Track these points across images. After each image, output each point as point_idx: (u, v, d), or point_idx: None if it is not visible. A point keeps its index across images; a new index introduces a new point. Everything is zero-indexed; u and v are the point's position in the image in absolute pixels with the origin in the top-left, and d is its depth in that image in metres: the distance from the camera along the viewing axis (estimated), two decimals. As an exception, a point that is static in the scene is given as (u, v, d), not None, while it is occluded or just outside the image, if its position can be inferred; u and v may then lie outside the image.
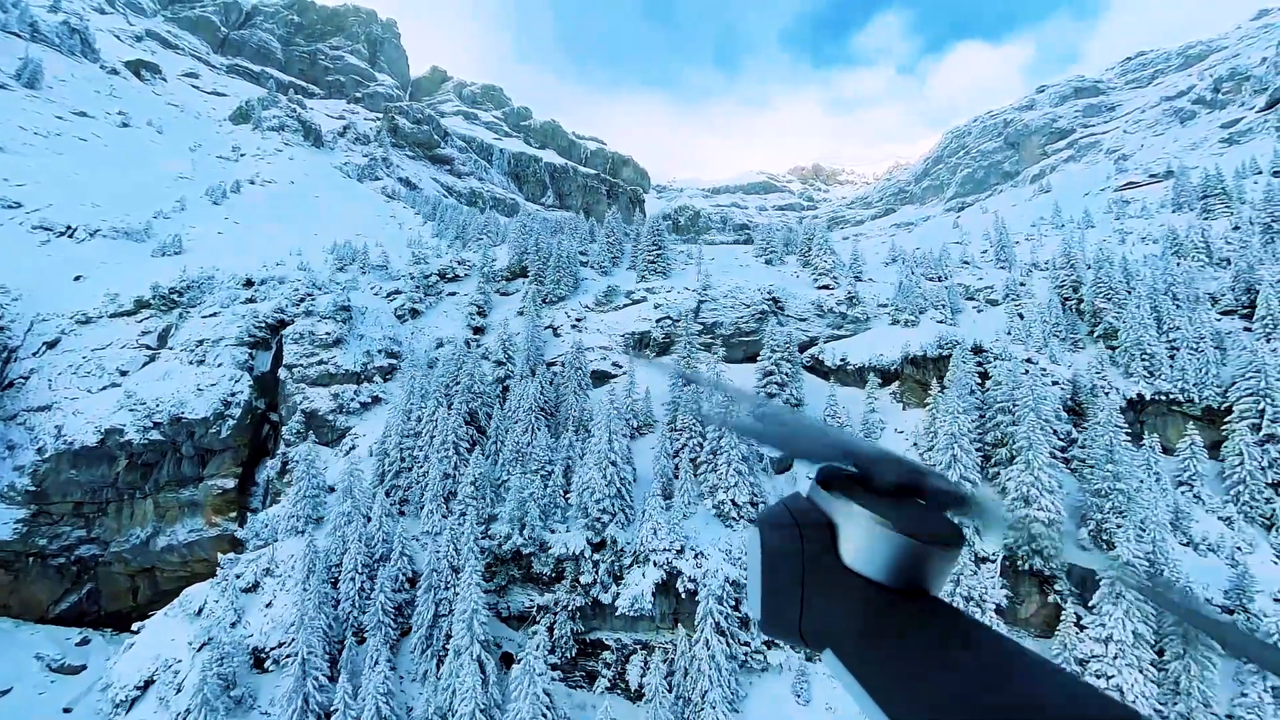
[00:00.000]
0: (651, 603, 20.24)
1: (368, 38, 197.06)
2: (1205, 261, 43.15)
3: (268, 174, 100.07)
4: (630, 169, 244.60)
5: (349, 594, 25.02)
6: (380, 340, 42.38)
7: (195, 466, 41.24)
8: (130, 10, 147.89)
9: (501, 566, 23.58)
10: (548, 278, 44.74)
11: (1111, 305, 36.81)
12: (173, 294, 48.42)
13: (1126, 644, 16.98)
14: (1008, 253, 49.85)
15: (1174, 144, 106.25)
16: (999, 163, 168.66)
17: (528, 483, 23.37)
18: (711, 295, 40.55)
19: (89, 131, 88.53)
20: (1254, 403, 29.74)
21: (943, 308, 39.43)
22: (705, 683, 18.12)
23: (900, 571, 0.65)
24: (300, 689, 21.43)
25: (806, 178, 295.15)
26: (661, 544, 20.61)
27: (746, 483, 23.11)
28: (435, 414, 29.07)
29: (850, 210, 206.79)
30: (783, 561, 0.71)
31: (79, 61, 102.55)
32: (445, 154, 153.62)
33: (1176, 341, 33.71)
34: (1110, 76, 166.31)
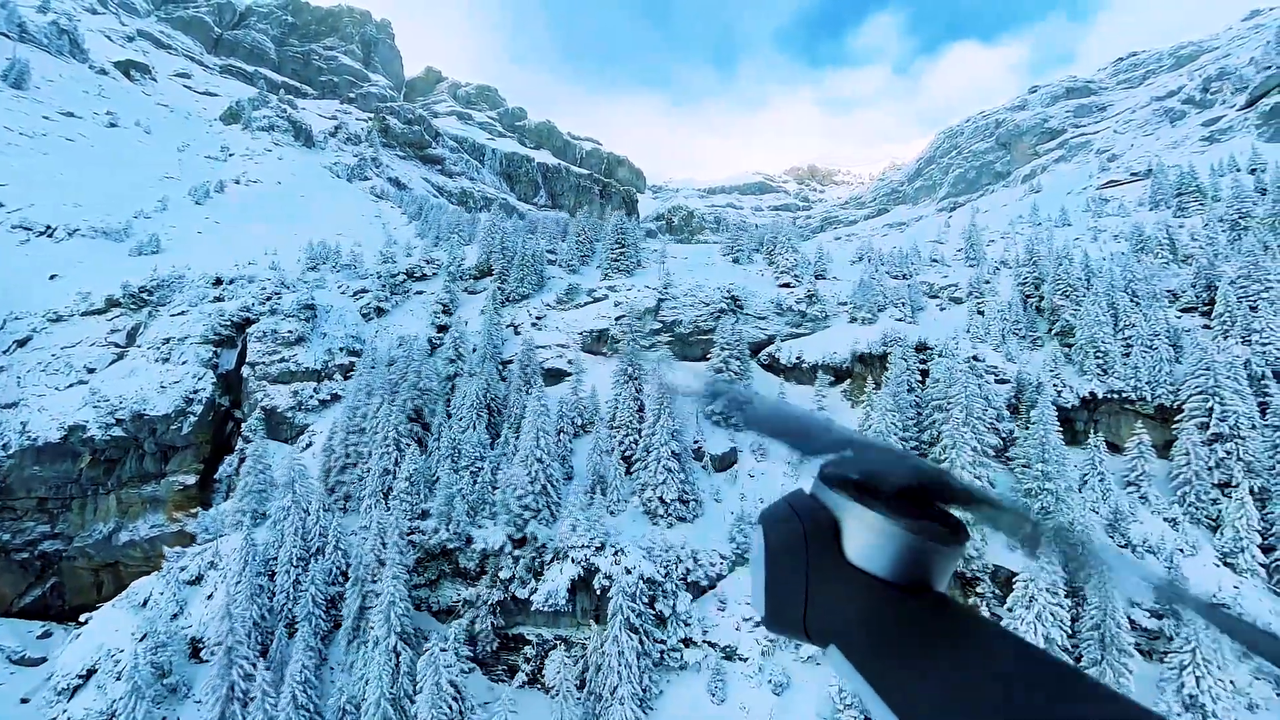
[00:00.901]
0: (566, 599, 20.31)
1: (362, 38, 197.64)
2: (1169, 259, 43.07)
3: (254, 174, 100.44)
4: (625, 169, 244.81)
5: (284, 587, 25.17)
6: (343, 339, 42.54)
7: (158, 463, 41.46)
8: (123, 10, 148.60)
9: (432, 561, 23.68)
10: (511, 276, 44.85)
11: (1069, 303, 36.77)
12: (142, 293, 48.70)
13: (1039, 642, 16.90)
14: (977, 251, 49.82)
15: (1156, 143, 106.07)
16: (991, 163, 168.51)
17: (456, 479, 23.45)
18: (672, 294, 40.63)
19: (75, 131, 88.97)
20: (1202, 401, 29.60)
21: (902, 305, 39.42)
22: (615, 679, 18.16)
23: (904, 568, 0.65)
24: (226, 677, 21.61)
25: (802, 178, 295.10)
26: (580, 540, 20.68)
27: (676, 480, 23.15)
28: (379, 411, 29.17)
29: (844, 210, 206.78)
30: (786, 558, 0.71)
31: (67, 62, 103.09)
32: (436, 154, 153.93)
33: (1132, 339, 33.62)
34: (1102, 77, 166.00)
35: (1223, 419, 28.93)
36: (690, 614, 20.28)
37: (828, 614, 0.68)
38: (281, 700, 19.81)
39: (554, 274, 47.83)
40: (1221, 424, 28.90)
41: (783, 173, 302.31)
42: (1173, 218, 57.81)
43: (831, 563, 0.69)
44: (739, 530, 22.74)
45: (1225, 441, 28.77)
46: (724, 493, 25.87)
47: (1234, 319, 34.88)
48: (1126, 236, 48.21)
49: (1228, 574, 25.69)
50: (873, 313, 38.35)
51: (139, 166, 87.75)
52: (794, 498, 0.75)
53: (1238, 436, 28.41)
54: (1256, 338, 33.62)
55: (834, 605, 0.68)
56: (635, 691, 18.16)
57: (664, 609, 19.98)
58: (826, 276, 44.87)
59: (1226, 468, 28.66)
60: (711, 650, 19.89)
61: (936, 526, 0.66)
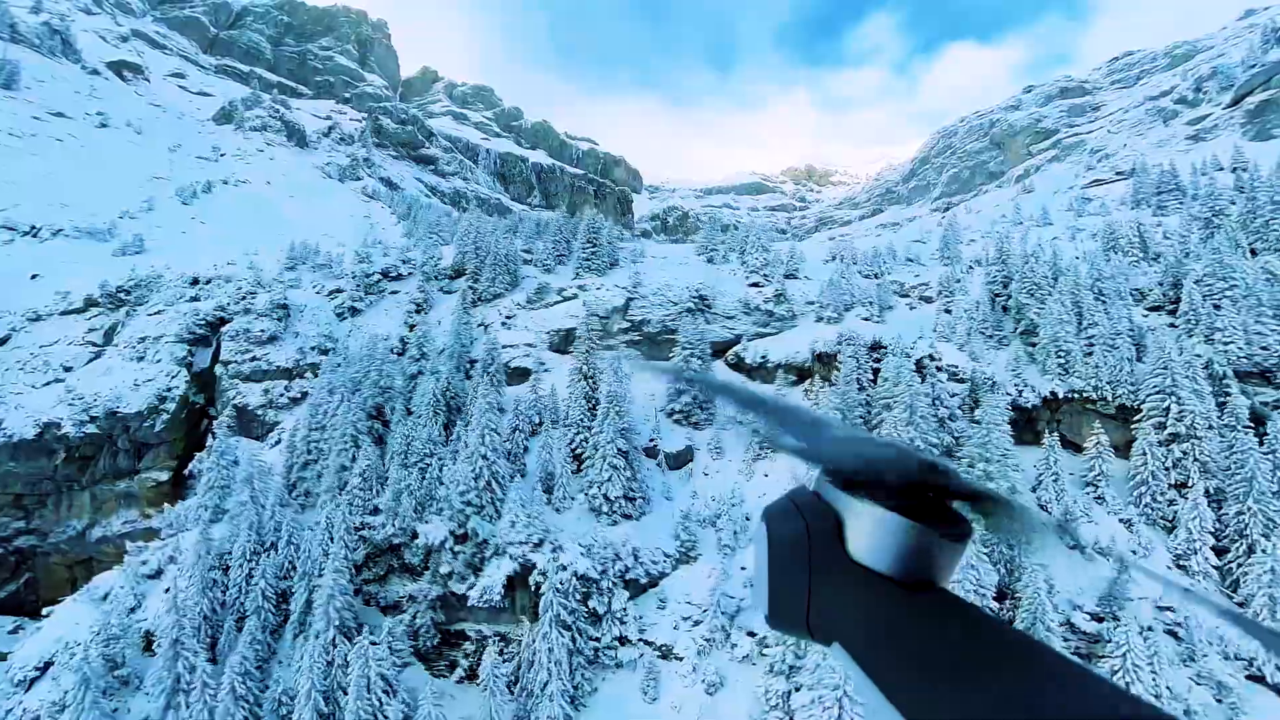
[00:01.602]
0: (501, 595, 20.51)
1: (358, 38, 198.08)
2: (1139, 257, 43.10)
3: (244, 174, 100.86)
4: (622, 169, 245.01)
5: (237, 581, 25.42)
6: (315, 338, 42.79)
7: (131, 459, 41.77)
8: (119, 10, 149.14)
9: (382, 557, 23.89)
10: (484, 275, 45.05)
11: (1034, 301, 36.83)
12: (120, 293, 49.05)
13: None
14: (952, 250, 49.88)
15: (1142, 142, 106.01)
16: (984, 163, 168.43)
17: (405, 475, 23.65)
18: (641, 293, 40.78)
19: (65, 132, 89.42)
20: (1160, 401, 29.61)
21: (870, 305, 39.52)
22: (545, 675, 18.33)
23: (908, 564, 0.65)
24: (171, 669, 21.84)
25: (799, 179, 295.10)
26: (519, 537, 20.86)
27: (621, 478, 23.32)
28: (338, 408, 29.40)
29: (838, 211, 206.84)
30: (789, 555, 0.71)
31: (59, 62, 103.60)
32: (430, 154, 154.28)
33: (1095, 339, 33.67)
34: (1096, 77, 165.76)
35: (1179, 419, 28.94)
36: (626, 612, 20.45)
37: (831, 611, 0.68)
38: (221, 691, 20.04)
39: (529, 274, 48.03)
40: (1178, 424, 28.91)
41: (780, 173, 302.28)
42: (1152, 216, 57.92)
43: (834, 560, 0.68)
44: (683, 529, 22.90)
45: (1182, 441, 28.77)
46: (675, 491, 26.04)
47: (1198, 318, 34.91)
48: (1100, 235, 48.27)
49: (1179, 576, 25.73)
50: (838, 312, 38.47)
51: (128, 167, 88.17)
52: (797, 494, 0.76)
53: (1194, 436, 28.43)
54: (1219, 336, 33.66)
55: (837, 603, 0.67)
56: (565, 688, 18.33)
57: (598, 606, 20.15)
58: (798, 276, 44.99)
59: (1183, 468, 28.66)
60: (648, 649, 20.04)
61: (940, 523, 0.65)
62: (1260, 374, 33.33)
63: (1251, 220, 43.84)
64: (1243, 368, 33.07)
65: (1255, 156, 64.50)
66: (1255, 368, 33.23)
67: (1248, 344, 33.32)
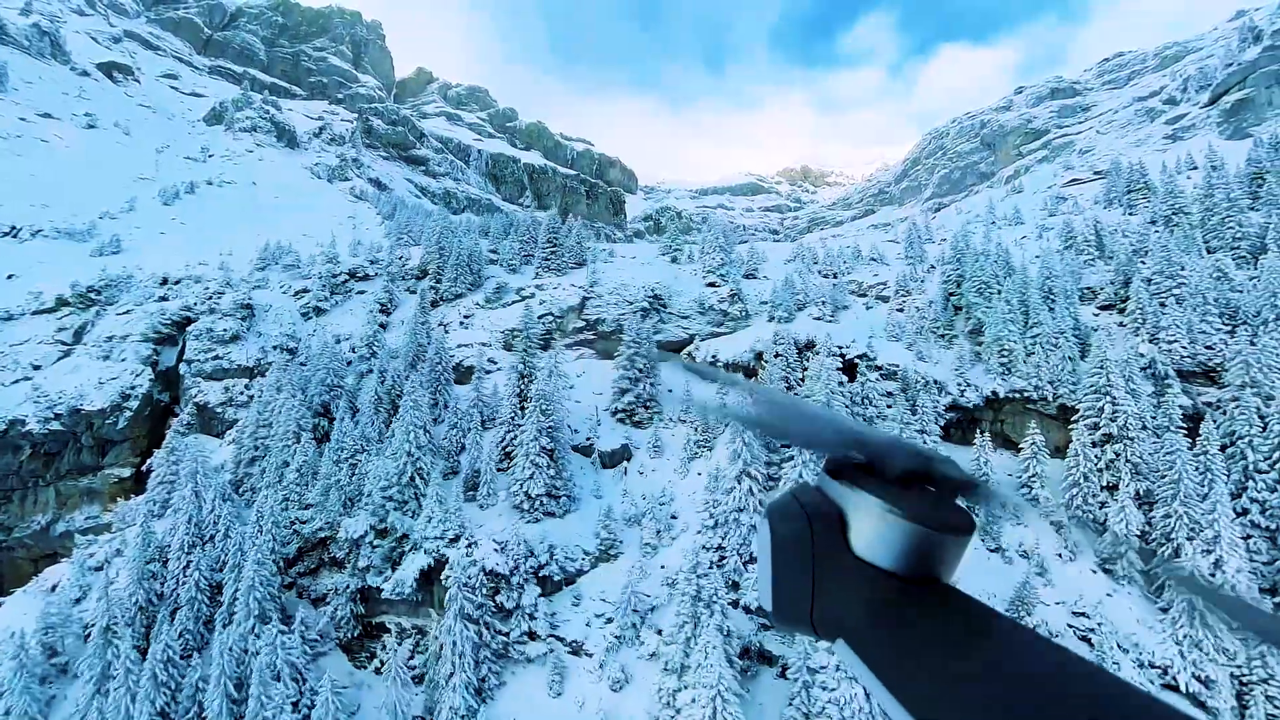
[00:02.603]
0: (413, 588, 20.89)
1: (352, 39, 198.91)
2: (1095, 255, 43.25)
3: (230, 175, 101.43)
4: (617, 170, 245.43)
5: (175, 573, 25.84)
6: (277, 337, 43.24)
7: (95, 456, 42.28)
8: (112, 11, 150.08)
9: (313, 551, 24.26)
10: (446, 275, 45.43)
11: (982, 300, 37.02)
12: (90, 292, 49.59)
13: None
14: (915, 249, 50.09)
15: (1121, 141, 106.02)
16: (975, 163, 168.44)
17: (335, 471, 24.02)
18: (597, 292, 41.11)
19: (51, 133, 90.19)
20: (1095, 401, 29.70)
21: (823, 304, 39.77)
22: (449, 667, 18.69)
23: (911, 560, 0.65)
24: (101, 657, 22.27)
25: (795, 179, 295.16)
26: (434, 532, 21.21)
27: (544, 475, 23.66)
28: (282, 405, 29.80)
29: (831, 211, 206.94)
30: (793, 552, 0.72)
31: (48, 63, 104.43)
32: (420, 155, 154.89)
33: (1039, 338, 33.84)
34: (1088, 77, 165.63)
35: (1113, 419, 29.05)
36: (537, 607, 20.78)
37: (835, 608, 0.68)
38: (143, 678, 20.48)
39: (493, 273, 48.39)
40: (1111, 424, 29.02)
41: (776, 174, 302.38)
42: (1123, 215, 58.05)
43: (838, 556, 0.68)
44: (604, 527, 23.22)
45: (1115, 442, 28.83)
46: (606, 489, 26.34)
47: (1144, 317, 35.05)
48: (1059, 233, 48.51)
49: (1102, 580, 25.78)
50: (790, 312, 38.74)
51: (114, 167, 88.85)
52: (799, 490, 0.76)
53: (1127, 437, 28.52)
54: (1163, 335, 33.81)
55: (841, 599, 0.67)
56: (470, 680, 18.67)
57: (507, 601, 20.49)
58: (757, 276, 45.28)
59: (1116, 469, 28.75)
60: (559, 644, 20.37)
61: (943, 517, 0.65)
62: (1204, 374, 33.48)
63: (1209, 219, 44.01)
64: (1186, 367, 33.22)
65: (1229, 155, 64.61)
66: (1199, 367, 33.38)
67: (1191, 343, 33.46)
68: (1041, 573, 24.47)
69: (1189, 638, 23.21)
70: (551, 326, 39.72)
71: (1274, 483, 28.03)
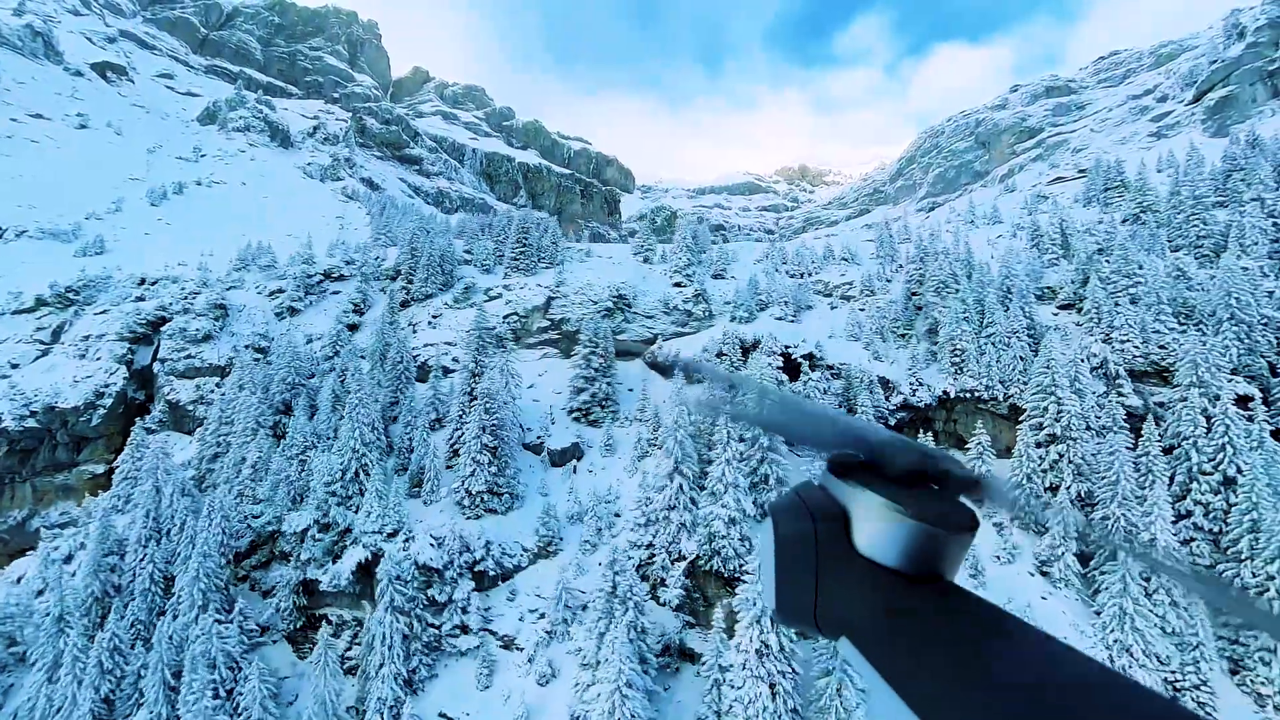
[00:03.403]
0: (350, 580, 21.39)
1: (348, 39, 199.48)
2: (1060, 254, 43.43)
3: (221, 175, 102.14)
4: (614, 169, 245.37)
5: (132, 565, 26.42)
6: (249, 336, 43.81)
7: (70, 453, 42.94)
8: (108, 11, 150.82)
9: (264, 544, 24.80)
10: (418, 276, 45.91)
11: (939, 299, 37.29)
12: (69, 292, 50.27)
13: (752, 653, 16.86)
14: (885, 249, 50.33)
15: (1106, 139, 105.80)
16: (970, 162, 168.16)
17: (286, 466, 24.54)
18: (563, 292, 41.52)
19: (42, 133, 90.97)
20: (1041, 400, 29.92)
21: (786, 305, 40.10)
22: (378, 658, 19.19)
23: (915, 558, 0.65)
24: (54, 644, 22.86)
25: (793, 178, 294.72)
26: (373, 526, 21.71)
27: (485, 473, 24.12)
28: (241, 403, 30.32)
29: (826, 211, 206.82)
30: (796, 550, 0.72)
31: (41, 64, 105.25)
32: (414, 154, 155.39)
33: (992, 337, 34.08)
34: (1083, 76, 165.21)
35: (1057, 419, 29.25)
36: (470, 601, 21.26)
37: (838, 606, 0.68)
38: (90, 665, 21.07)
39: (466, 274, 48.83)
40: (1055, 424, 29.22)
41: (773, 173, 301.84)
42: (1100, 213, 58.17)
43: (841, 554, 0.69)
44: (543, 524, 23.68)
45: (1059, 443, 29.00)
46: (553, 487, 26.79)
47: (1100, 316, 35.23)
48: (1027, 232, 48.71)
49: (1039, 583, 25.92)
50: (751, 312, 39.08)
51: (105, 167, 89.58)
52: (802, 489, 0.76)
53: (1069, 438, 28.73)
54: (1116, 335, 34.02)
55: (844, 597, 0.68)
56: (399, 672, 19.17)
57: (439, 595, 20.97)
58: (725, 276, 45.61)
59: (1059, 470, 28.95)
60: (491, 638, 20.84)
61: (946, 515, 0.66)
62: (1158, 373, 33.68)
63: (1174, 217, 44.18)
64: (1138, 367, 33.44)
65: (1212, 153, 64.60)
66: (1151, 367, 33.60)
67: (1144, 343, 33.66)
68: (976, 574, 24.74)
69: (1119, 642, 23.43)
70: (516, 326, 40.17)
71: (1218, 485, 28.17)
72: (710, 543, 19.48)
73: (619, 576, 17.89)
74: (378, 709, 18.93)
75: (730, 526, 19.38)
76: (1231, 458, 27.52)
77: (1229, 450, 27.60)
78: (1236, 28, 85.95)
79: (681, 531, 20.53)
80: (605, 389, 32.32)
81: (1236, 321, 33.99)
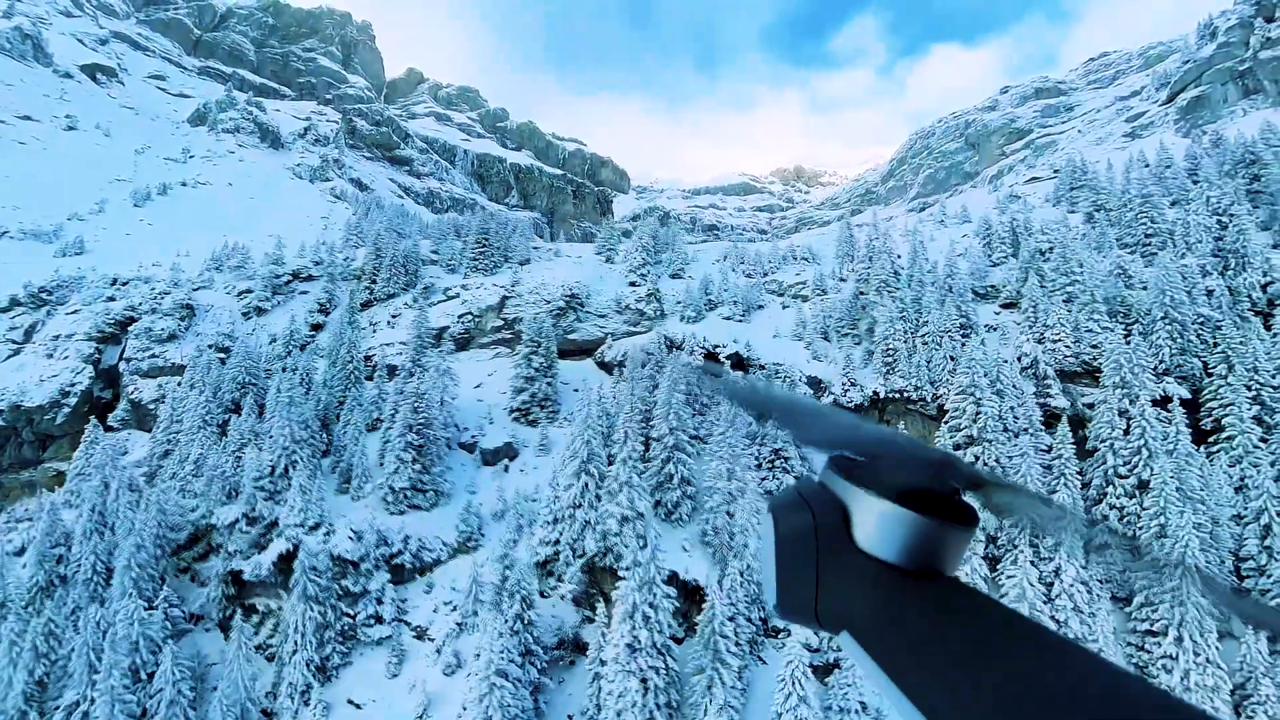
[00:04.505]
0: (270, 571, 22.27)
1: (342, 40, 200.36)
2: (1009, 253, 44.03)
3: (209, 176, 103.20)
4: (609, 170, 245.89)
5: (77, 556, 27.33)
6: (214, 336, 44.68)
7: (35, 450, 43.93)
8: (101, 13, 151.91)
9: (203, 536, 25.75)
10: (380, 276, 46.77)
11: (879, 299, 37.96)
12: (42, 292, 51.31)
13: (623, 647, 17.33)
14: (845, 248, 50.96)
15: (1082, 140, 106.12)
16: (960, 163, 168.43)
17: (221, 461, 25.47)
18: (518, 292, 42.33)
19: (30, 135, 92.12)
20: (961, 400, 30.40)
21: (736, 304, 40.83)
22: (291, 645, 20.04)
23: (914, 553, 0.66)
24: (-1, 633, 23.67)
25: (788, 179, 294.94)
26: (295, 520, 22.59)
27: (409, 470, 25.01)
28: (188, 401, 31.21)
29: (818, 211, 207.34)
30: (796, 545, 0.73)
31: (30, 66, 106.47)
32: (404, 155, 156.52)
33: (926, 336, 34.71)
34: (1073, 77, 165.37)
35: (975, 420, 29.71)
36: (384, 592, 22.13)
37: (838, 601, 0.69)
38: (25, 650, 22.02)
39: (432, 274, 49.67)
40: (974, 425, 29.67)
41: (769, 174, 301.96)
42: (1066, 213, 58.77)
43: (842, 549, 0.69)
44: (464, 521, 24.54)
45: (976, 444, 29.41)
46: (483, 485, 27.62)
47: (1036, 315, 35.78)
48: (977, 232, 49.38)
49: None
50: (700, 311, 39.83)
51: (91, 169, 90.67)
52: (803, 485, 0.77)
53: (986, 439, 29.18)
54: (1049, 334, 34.61)
55: (845, 592, 0.68)
56: (312, 658, 20.04)
57: (353, 586, 21.84)
58: (683, 276, 46.34)
59: (980, 470, 29.42)
60: (405, 629, 21.72)
61: (946, 511, 0.66)
62: (1089, 374, 34.27)
63: (1124, 215, 44.77)
64: (1069, 367, 34.03)
65: (1181, 152, 65.08)
66: (1083, 367, 34.19)
67: (1076, 343, 34.22)
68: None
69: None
70: (470, 326, 41.00)
71: (1132, 489, 28.67)
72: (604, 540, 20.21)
73: (508, 570, 18.70)
74: (289, 693, 19.80)
75: (624, 525, 20.12)
76: (1147, 461, 28.00)
77: (1144, 453, 28.12)
78: (1209, 28, 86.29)
79: (586, 529, 21.30)
80: (545, 389, 33.11)
81: (1170, 321, 34.52)
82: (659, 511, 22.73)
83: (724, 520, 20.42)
